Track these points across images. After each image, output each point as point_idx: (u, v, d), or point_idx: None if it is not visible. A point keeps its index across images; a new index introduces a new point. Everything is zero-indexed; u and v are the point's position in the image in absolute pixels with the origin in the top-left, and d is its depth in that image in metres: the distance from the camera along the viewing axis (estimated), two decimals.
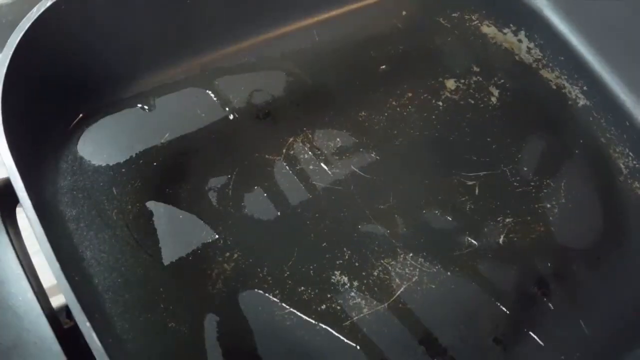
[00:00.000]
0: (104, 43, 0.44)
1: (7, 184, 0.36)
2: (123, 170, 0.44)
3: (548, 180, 0.51)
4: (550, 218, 0.49)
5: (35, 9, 0.36)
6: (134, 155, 0.44)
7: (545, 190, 0.50)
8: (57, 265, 0.33)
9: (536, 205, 0.49)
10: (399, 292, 0.43)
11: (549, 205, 0.49)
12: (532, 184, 0.50)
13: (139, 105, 0.46)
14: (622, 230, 0.50)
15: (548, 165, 0.52)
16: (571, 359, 0.43)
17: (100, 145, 0.44)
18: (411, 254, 0.45)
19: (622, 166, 0.53)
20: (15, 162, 0.35)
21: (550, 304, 0.45)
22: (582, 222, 0.50)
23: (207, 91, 0.48)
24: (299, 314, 0.41)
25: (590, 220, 0.50)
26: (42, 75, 0.41)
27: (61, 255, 0.34)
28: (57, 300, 0.36)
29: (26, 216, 0.34)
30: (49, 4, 0.37)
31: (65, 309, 0.37)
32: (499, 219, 0.48)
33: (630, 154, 0.54)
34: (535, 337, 0.44)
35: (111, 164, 0.44)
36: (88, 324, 0.32)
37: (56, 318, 0.36)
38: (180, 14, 0.46)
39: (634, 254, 0.49)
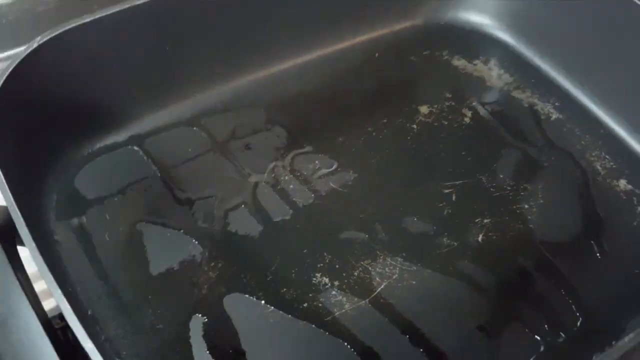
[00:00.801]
0: (93, 91, 0.49)
1: (6, 213, 0.40)
2: (115, 199, 0.48)
3: (525, 185, 0.53)
4: (529, 217, 0.50)
5: (23, 48, 0.42)
6: (125, 185, 0.48)
7: (522, 194, 0.52)
8: (51, 277, 0.36)
9: (514, 207, 0.51)
10: (379, 289, 0.45)
11: (527, 206, 0.51)
12: (509, 188, 0.52)
13: (132, 145, 0.51)
14: (602, 223, 0.51)
15: (524, 172, 0.54)
16: (555, 342, 0.43)
17: (96, 180, 0.49)
18: (391, 255, 0.47)
19: (599, 168, 0.55)
20: (13, 197, 0.39)
21: (532, 293, 0.46)
22: (562, 219, 0.51)
23: (194, 128, 0.53)
24: (281, 312, 0.43)
25: (570, 216, 0.51)
26: (33, 122, 0.46)
27: (56, 268, 0.37)
28: (49, 304, 0.39)
29: (23, 240, 0.37)
30: (35, 45, 0.42)
31: (59, 315, 0.40)
32: (477, 220, 0.50)
33: (607, 156, 0.56)
34: (520, 323, 0.44)
35: (105, 194, 0.48)
36: (80, 325, 0.35)
37: (48, 320, 0.38)
38: (165, 62, 0.52)
39: (614, 244, 0.49)
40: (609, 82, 0.58)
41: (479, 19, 0.65)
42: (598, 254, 0.49)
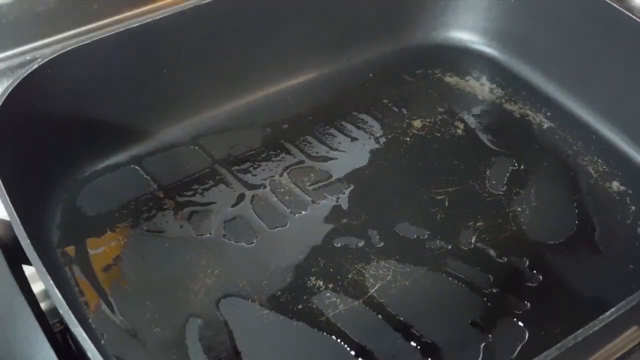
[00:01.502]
0: (94, 114, 0.51)
1: (10, 228, 0.41)
2: (116, 214, 0.50)
3: (518, 189, 0.53)
4: (522, 219, 0.51)
5: (25, 70, 0.45)
6: (126, 202, 0.50)
7: (515, 197, 0.53)
8: (56, 291, 0.37)
9: (507, 210, 0.52)
10: (373, 290, 0.46)
11: (519, 209, 0.52)
12: (501, 193, 0.53)
13: (133, 165, 0.53)
14: (596, 223, 0.51)
15: (516, 177, 0.54)
16: (550, 334, 0.44)
17: (97, 197, 0.50)
18: (384, 258, 0.48)
19: (591, 171, 0.55)
20: (17, 213, 0.40)
21: (526, 289, 0.46)
22: (555, 220, 0.52)
23: (193, 147, 0.55)
24: (276, 313, 0.44)
25: (563, 217, 0.52)
26: (37, 143, 0.48)
27: (57, 281, 0.39)
28: (46, 305, 0.40)
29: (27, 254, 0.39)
30: (35, 66, 0.45)
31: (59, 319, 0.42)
32: (469, 223, 0.51)
33: (599, 160, 0.56)
34: (514, 319, 0.45)
35: (105, 211, 0.50)
36: (79, 329, 0.36)
37: (49, 324, 0.40)
38: (164, 84, 0.54)
39: (608, 242, 0.50)
40: (598, 89, 0.60)
41: (469, 37, 0.67)
42: (592, 252, 0.49)
